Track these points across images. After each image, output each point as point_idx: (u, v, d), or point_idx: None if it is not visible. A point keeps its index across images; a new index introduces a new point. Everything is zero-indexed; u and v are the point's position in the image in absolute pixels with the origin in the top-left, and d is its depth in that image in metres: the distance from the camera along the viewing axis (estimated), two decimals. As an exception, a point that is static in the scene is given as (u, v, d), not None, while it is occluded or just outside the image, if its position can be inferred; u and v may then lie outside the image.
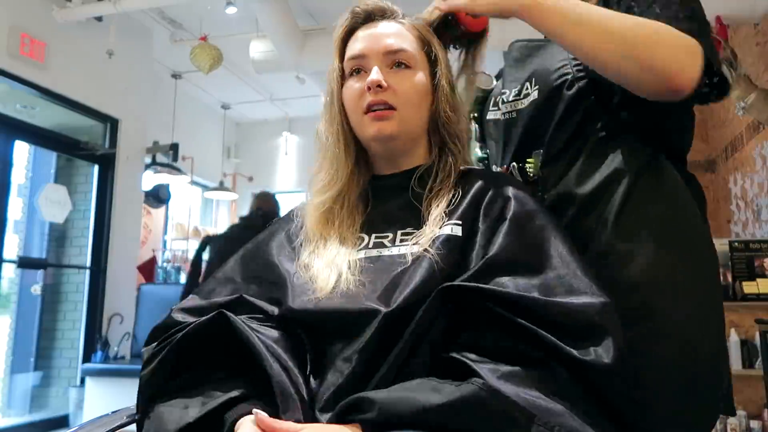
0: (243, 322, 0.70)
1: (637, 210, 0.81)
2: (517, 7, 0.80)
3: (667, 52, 0.73)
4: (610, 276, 0.76)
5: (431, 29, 0.89)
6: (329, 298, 0.73)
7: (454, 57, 0.95)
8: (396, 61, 0.83)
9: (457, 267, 0.72)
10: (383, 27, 0.86)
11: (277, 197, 3.58)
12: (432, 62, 0.86)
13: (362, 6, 0.87)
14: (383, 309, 0.68)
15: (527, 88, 0.93)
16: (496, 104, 1.00)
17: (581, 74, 0.86)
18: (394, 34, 0.85)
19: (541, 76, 0.91)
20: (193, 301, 0.81)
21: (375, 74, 0.81)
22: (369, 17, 0.87)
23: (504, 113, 0.96)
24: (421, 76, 0.84)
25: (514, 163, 0.92)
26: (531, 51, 0.97)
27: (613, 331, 0.64)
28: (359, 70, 0.84)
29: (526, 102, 0.92)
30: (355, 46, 0.85)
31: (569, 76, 0.87)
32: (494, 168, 0.99)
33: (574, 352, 0.61)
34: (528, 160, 0.90)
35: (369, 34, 0.85)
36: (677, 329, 0.78)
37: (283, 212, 1.10)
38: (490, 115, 1.00)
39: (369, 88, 0.81)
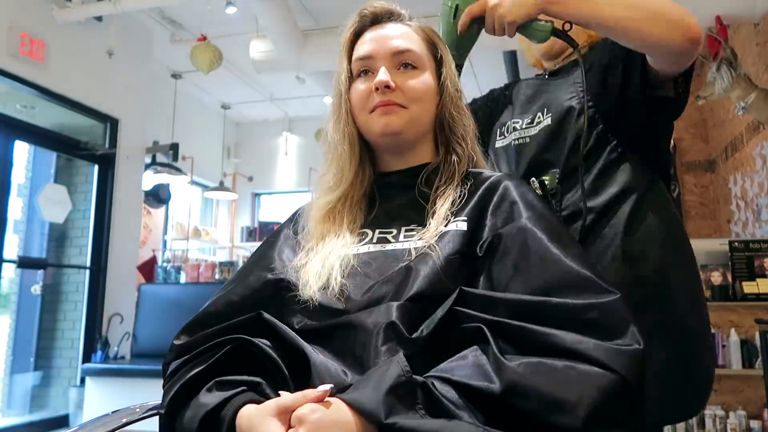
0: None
1: (644, 219, 0.97)
2: (547, 5, 0.89)
3: (679, 9, 0.87)
4: (625, 272, 0.94)
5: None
6: (317, 297, 0.75)
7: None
8: (403, 61, 0.85)
9: (461, 260, 0.73)
10: (390, 29, 0.87)
11: (277, 197, 3.58)
12: (438, 63, 0.88)
13: (369, 8, 0.89)
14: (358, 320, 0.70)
15: (539, 117, 1.07)
16: (502, 133, 1.14)
17: (590, 103, 1.00)
18: (400, 35, 0.86)
19: (552, 106, 1.05)
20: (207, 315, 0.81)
21: (383, 75, 0.82)
22: (376, 19, 0.89)
23: (515, 139, 1.09)
24: (427, 76, 0.86)
25: (534, 179, 1.03)
26: (541, 87, 1.11)
27: (633, 321, 0.65)
28: (367, 71, 0.86)
29: (538, 128, 1.06)
30: (362, 48, 0.87)
31: (579, 106, 1.01)
32: None
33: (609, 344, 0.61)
34: (544, 177, 1.02)
35: (376, 36, 0.87)
36: (681, 319, 0.96)
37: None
38: (497, 143, 1.14)
39: (377, 89, 0.82)
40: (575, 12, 0.89)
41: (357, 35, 0.89)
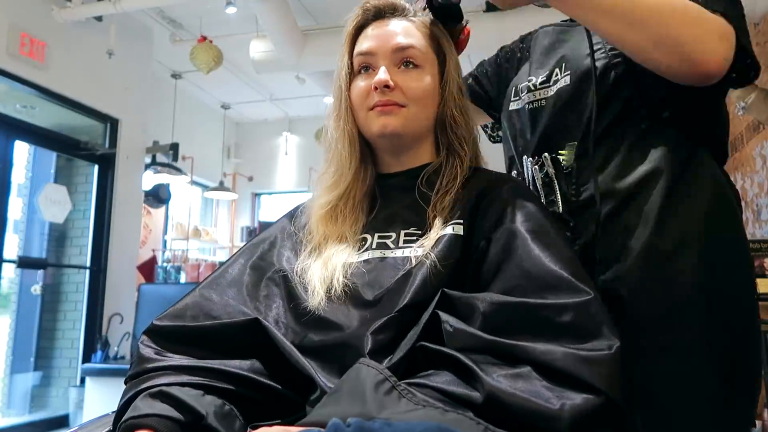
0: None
1: (679, 208, 0.79)
2: None
3: (694, 35, 0.72)
4: (651, 274, 0.79)
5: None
6: (317, 308, 0.73)
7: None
8: (404, 59, 0.82)
9: (456, 266, 0.72)
10: (393, 24, 0.84)
11: (277, 197, 3.58)
12: (441, 62, 0.86)
13: (373, 2, 0.86)
14: (363, 345, 0.67)
15: (556, 74, 0.90)
16: (517, 94, 0.96)
17: (618, 59, 0.83)
18: (403, 31, 0.84)
19: (571, 61, 0.88)
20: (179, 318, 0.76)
21: (382, 74, 0.80)
22: (379, 13, 0.86)
23: (529, 102, 0.92)
24: (428, 76, 0.83)
25: (546, 154, 0.88)
26: (560, 36, 0.94)
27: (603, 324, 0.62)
28: (367, 68, 0.84)
29: (555, 89, 0.89)
30: (364, 44, 0.84)
31: (604, 62, 0.84)
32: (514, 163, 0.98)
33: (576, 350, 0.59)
34: (561, 151, 0.87)
35: (378, 32, 0.84)
36: (727, 332, 0.78)
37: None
38: (511, 106, 0.97)
39: (376, 88, 0.80)
40: (572, 12, 0.80)
41: (359, 29, 0.86)
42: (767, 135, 3.68)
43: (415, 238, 0.77)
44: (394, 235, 0.79)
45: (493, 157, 0.94)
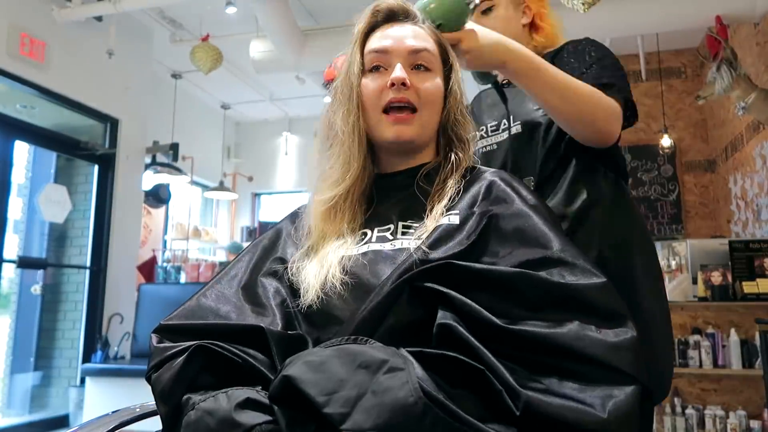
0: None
1: (616, 223, 1.07)
2: (501, 65, 0.97)
3: (604, 120, 1.00)
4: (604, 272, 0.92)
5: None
6: (314, 300, 0.74)
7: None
8: (417, 62, 0.85)
9: (451, 255, 0.72)
10: (406, 28, 0.87)
11: (277, 197, 3.57)
12: (446, 69, 0.89)
13: (384, 5, 0.88)
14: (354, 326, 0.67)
15: (505, 124, 1.16)
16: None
17: None
18: (416, 35, 0.87)
19: (521, 114, 1.13)
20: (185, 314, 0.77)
21: (399, 71, 0.82)
22: (391, 16, 0.89)
23: (483, 147, 1.19)
24: (438, 80, 0.87)
25: None
26: (497, 97, 1.21)
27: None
28: (379, 67, 0.85)
29: (505, 135, 1.15)
30: (378, 42, 0.86)
31: (547, 117, 1.09)
32: None
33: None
34: None
35: (393, 33, 0.87)
36: (647, 314, 1.03)
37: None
38: None
39: (392, 84, 0.82)
40: (523, 86, 1.01)
41: (370, 30, 0.89)
42: (767, 135, 3.68)
43: (412, 229, 0.79)
44: (392, 226, 0.81)
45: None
